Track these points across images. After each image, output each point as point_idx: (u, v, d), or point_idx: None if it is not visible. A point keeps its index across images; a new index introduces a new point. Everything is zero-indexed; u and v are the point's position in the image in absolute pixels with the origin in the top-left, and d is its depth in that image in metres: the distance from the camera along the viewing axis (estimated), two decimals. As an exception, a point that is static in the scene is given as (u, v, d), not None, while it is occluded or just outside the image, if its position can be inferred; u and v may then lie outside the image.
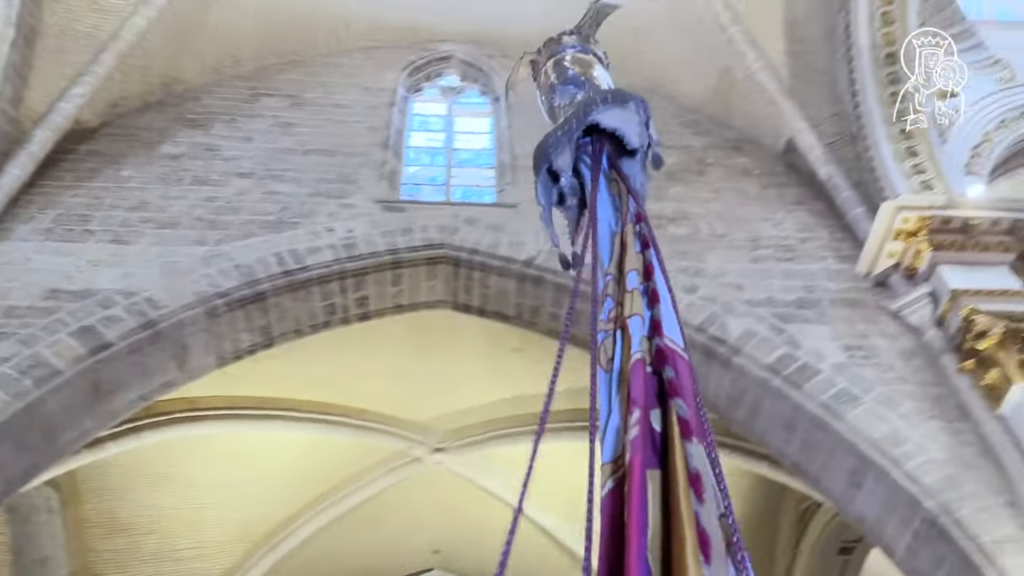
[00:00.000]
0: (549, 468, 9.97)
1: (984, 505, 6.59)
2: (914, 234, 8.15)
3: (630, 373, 1.83)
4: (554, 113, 2.77)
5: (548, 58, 2.90)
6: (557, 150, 2.47)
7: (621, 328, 1.99)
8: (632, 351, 1.88)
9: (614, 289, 2.14)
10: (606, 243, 2.27)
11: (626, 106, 2.52)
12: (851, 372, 7.60)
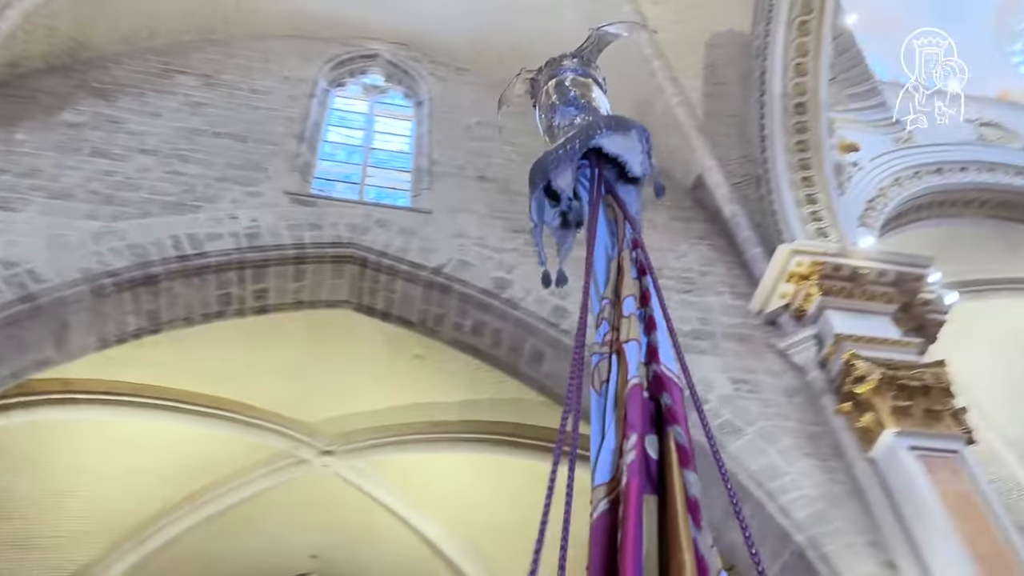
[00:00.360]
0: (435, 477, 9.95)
1: (849, 542, 6.91)
2: (806, 278, 8.53)
3: (627, 398, 1.82)
4: (552, 132, 2.77)
5: (549, 78, 2.91)
6: (558, 169, 2.45)
7: (617, 352, 1.98)
8: (629, 376, 1.87)
9: (610, 313, 2.13)
10: (602, 267, 2.27)
11: (628, 134, 2.52)
12: (736, 404, 7.87)
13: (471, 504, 12.36)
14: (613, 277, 2.26)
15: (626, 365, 1.93)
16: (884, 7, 16.34)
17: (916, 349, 8.27)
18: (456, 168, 10.13)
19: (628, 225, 2.40)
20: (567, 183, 2.45)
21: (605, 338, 2.08)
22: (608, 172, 2.53)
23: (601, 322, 2.13)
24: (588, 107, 2.78)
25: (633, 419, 1.78)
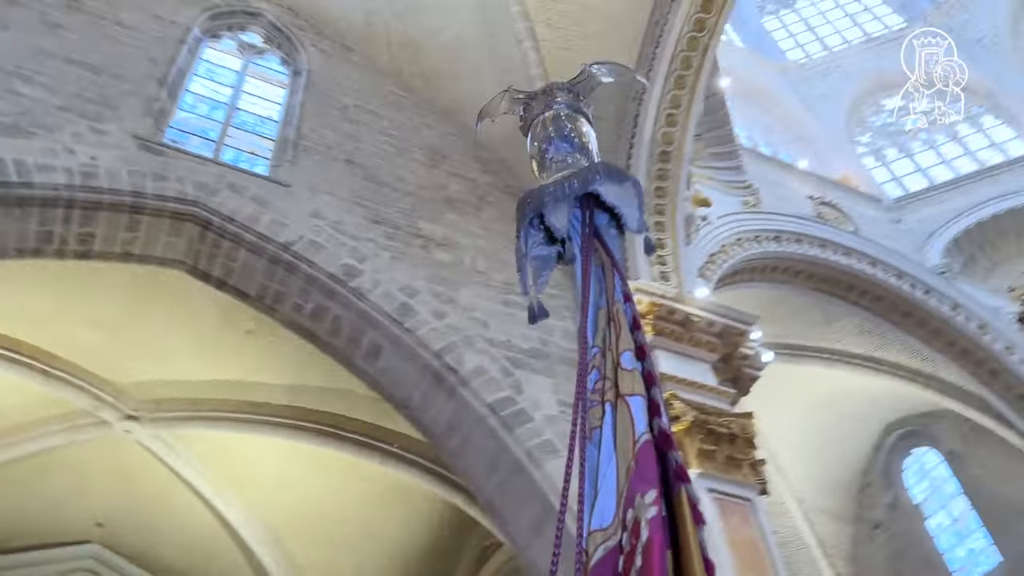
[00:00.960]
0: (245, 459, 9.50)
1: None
2: (643, 316, 8.89)
3: (639, 453, 1.82)
4: (544, 163, 2.76)
5: (545, 107, 2.90)
6: (554, 207, 2.46)
7: (612, 402, 2.00)
8: (639, 431, 1.87)
9: (601, 362, 2.15)
10: (591, 314, 2.28)
11: (624, 184, 2.54)
12: (559, 426, 8.05)
13: (279, 491, 11.98)
14: (603, 326, 2.27)
15: (631, 418, 1.94)
16: (756, 78, 17.47)
17: (729, 399, 8.79)
18: (324, 147, 9.85)
19: (617, 276, 2.40)
20: (562, 223, 2.47)
21: (596, 386, 2.12)
22: (598, 218, 2.55)
23: (592, 369, 2.17)
24: (582, 147, 2.81)
25: (650, 475, 1.79)
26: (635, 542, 1.69)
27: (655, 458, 1.84)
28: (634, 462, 1.84)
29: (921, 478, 16.48)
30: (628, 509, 1.77)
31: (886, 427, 16.50)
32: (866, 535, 16.63)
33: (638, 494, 1.75)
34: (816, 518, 16.59)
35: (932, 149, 16.43)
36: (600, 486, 1.93)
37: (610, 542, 1.80)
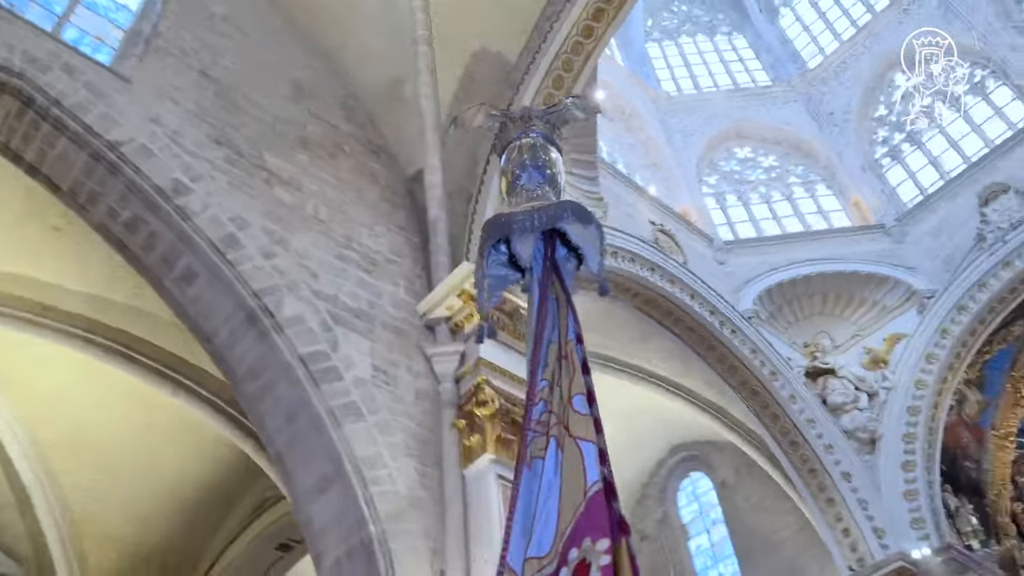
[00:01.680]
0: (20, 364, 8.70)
1: (414, 546, 7.28)
2: (474, 299, 8.96)
3: (591, 500, 1.89)
4: (515, 188, 2.84)
5: (520, 134, 2.99)
6: (521, 236, 2.55)
7: (556, 438, 2.08)
8: (591, 478, 1.95)
9: (548, 396, 2.22)
10: (543, 349, 2.33)
11: (588, 227, 2.63)
12: (367, 390, 7.98)
13: (55, 405, 11.13)
14: (552, 361, 2.32)
15: (582, 464, 2.01)
16: (628, 99, 18.05)
17: (538, 395, 9.04)
18: (180, 51, 9.18)
19: (571, 315, 2.42)
20: (528, 253, 2.56)
21: (542, 417, 2.19)
22: (558, 253, 2.63)
23: (539, 401, 2.25)
24: (552, 179, 2.92)
25: (603, 524, 1.88)
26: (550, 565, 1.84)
27: (607, 508, 1.92)
28: (584, 506, 1.93)
29: (692, 500, 17.72)
30: (572, 548, 1.88)
31: (672, 448, 17.61)
32: (633, 544, 17.67)
33: (588, 538, 1.86)
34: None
35: (767, 204, 17.65)
36: (538, 515, 2.01)
37: (546, 570, 1.91)
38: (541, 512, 2.03)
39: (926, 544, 12.91)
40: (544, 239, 2.68)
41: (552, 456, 2.12)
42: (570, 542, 1.92)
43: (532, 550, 1.99)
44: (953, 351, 14.26)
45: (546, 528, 1.99)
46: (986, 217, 14.42)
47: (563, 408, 2.21)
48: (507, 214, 2.71)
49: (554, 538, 1.96)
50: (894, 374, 14.56)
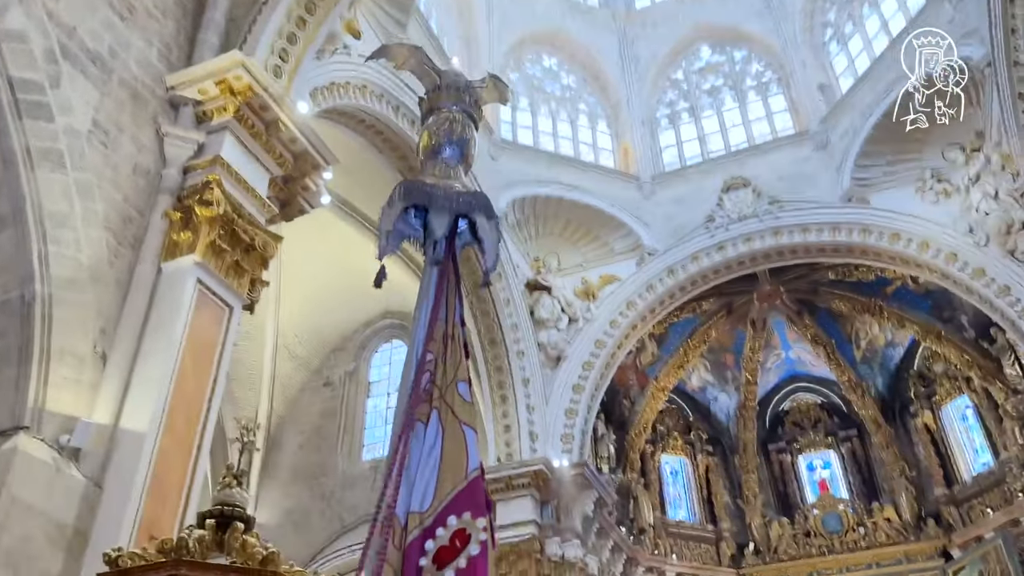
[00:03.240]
0: None
1: (81, 319, 6.76)
2: (234, 93, 8.23)
3: (472, 482, 2.23)
4: (435, 158, 3.04)
5: (450, 105, 3.16)
6: (438, 212, 2.77)
7: (437, 409, 2.36)
8: (472, 463, 2.28)
9: (433, 369, 2.45)
10: (425, 320, 2.55)
11: (491, 221, 2.85)
12: (80, 144, 7.11)
13: None
14: (439, 339, 2.54)
15: (465, 446, 2.33)
16: None
17: (268, 215, 8.63)
18: None
19: (458, 299, 2.69)
20: (440, 230, 2.77)
21: (426, 387, 2.43)
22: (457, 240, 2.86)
23: (425, 372, 2.46)
24: (464, 158, 3.15)
25: (482, 505, 2.22)
26: (459, 546, 2.15)
27: (484, 493, 2.30)
28: (466, 485, 2.26)
29: (386, 364, 18.33)
30: (451, 515, 2.20)
31: (385, 312, 17.96)
32: (315, 387, 18.00)
33: (468, 513, 2.20)
34: (282, 354, 17.43)
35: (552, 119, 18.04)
36: (418, 475, 2.27)
37: (425, 523, 2.19)
38: (421, 472, 2.29)
39: (567, 457, 14.52)
40: (451, 221, 2.92)
41: (434, 425, 2.38)
42: (450, 509, 2.23)
43: (414, 504, 2.25)
44: (650, 305, 15.86)
45: (427, 489, 2.27)
46: (722, 203, 15.96)
47: (447, 387, 2.48)
48: (429, 185, 2.93)
49: (433, 500, 2.25)
50: (597, 308, 15.91)
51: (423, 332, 2.61)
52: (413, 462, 2.35)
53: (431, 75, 3.38)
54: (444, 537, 2.22)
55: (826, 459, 18.71)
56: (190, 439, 7.06)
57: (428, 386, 2.51)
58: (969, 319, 15.41)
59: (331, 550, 15.53)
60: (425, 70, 3.36)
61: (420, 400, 2.47)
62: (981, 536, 15.47)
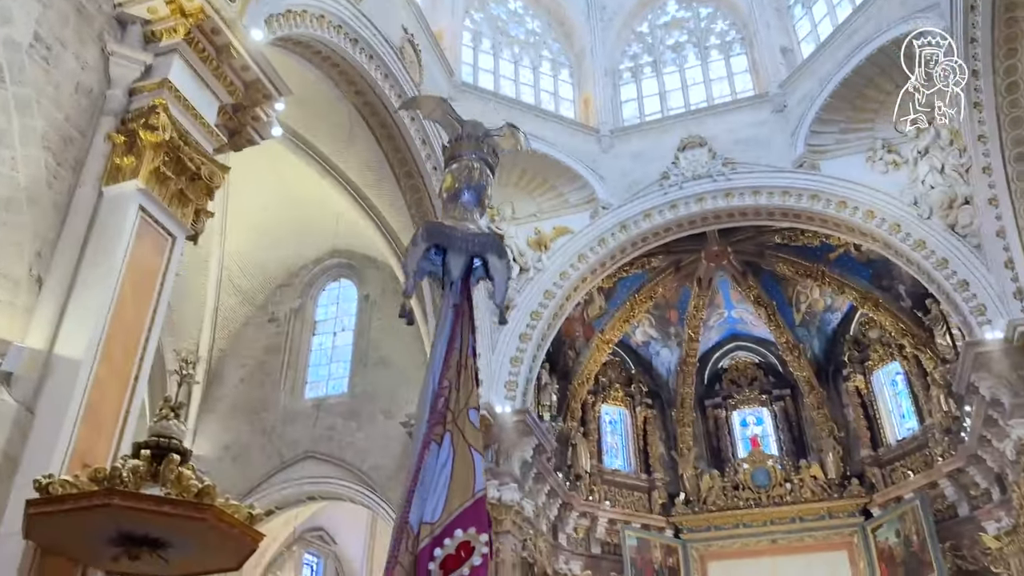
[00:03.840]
0: None
1: (16, 241, 6.54)
2: (187, 15, 7.88)
3: (477, 502, 2.50)
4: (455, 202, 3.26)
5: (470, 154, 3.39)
6: (456, 253, 2.97)
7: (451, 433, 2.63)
8: (479, 485, 2.55)
9: (448, 396, 2.72)
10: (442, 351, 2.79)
11: (503, 260, 3.13)
12: (19, 57, 6.74)
13: None
14: (453, 366, 2.83)
15: (473, 469, 2.62)
16: None
17: (216, 143, 8.38)
18: None
19: (472, 334, 2.97)
20: (458, 268, 3.00)
21: (440, 410, 2.69)
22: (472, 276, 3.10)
23: (441, 397, 2.73)
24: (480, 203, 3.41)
25: (485, 523, 2.47)
26: (464, 556, 2.41)
27: (486, 512, 2.56)
28: (472, 503, 2.53)
29: (333, 303, 18.20)
30: (458, 528, 2.46)
31: (334, 250, 17.78)
32: (260, 322, 17.80)
33: (473, 528, 2.47)
34: (227, 287, 17.17)
35: (515, 64, 17.79)
36: (430, 487, 2.53)
37: (435, 533, 2.45)
38: (434, 487, 2.54)
39: (510, 404, 14.71)
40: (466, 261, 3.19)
41: (447, 446, 2.67)
42: (457, 523, 2.49)
43: (427, 515, 2.53)
44: (601, 259, 15.97)
45: (438, 503, 2.53)
46: (677, 161, 16.02)
47: (460, 412, 2.78)
48: (448, 227, 3.20)
49: (442, 513, 2.51)
50: (549, 260, 15.97)
51: (440, 363, 2.94)
52: (427, 477, 2.65)
53: (454, 125, 3.64)
54: (451, 547, 2.52)
55: (759, 416, 19.34)
56: (128, 369, 6.93)
57: (443, 409, 2.84)
58: (906, 289, 15.91)
59: (270, 484, 15.57)
60: (449, 121, 3.63)
61: (436, 422, 2.81)
62: (901, 497, 16.21)
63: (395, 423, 15.28)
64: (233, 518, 5.19)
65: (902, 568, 15.63)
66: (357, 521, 19.53)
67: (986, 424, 13.08)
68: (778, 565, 16.79)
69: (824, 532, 16.94)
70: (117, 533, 5.33)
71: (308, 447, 15.77)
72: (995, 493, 14.21)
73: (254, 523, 5.43)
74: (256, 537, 5.41)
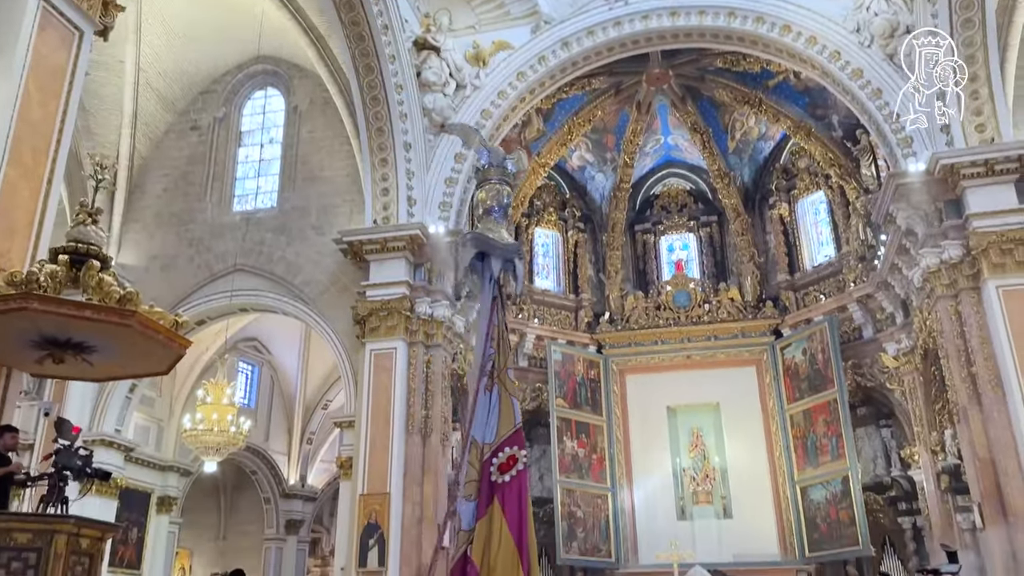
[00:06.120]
0: None
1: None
2: None
3: (516, 431, 3.74)
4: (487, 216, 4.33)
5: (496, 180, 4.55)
6: (496, 258, 4.00)
7: (497, 385, 3.78)
8: (517, 419, 3.80)
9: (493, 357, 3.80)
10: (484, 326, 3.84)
11: (520, 261, 4.08)
12: None
13: None
14: (495, 338, 3.78)
15: (512, 408, 3.78)
16: None
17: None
18: None
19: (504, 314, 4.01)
20: (496, 270, 3.89)
21: (487, 367, 3.74)
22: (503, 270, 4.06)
23: (488, 360, 3.74)
24: (506, 216, 4.42)
25: (523, 442, 3.81)
26: (511, 464, 3.50)
27: (522, 435, 3.67)
28: (514, 431, 3.58)
29: (259, 113, 17.44)
30: (507, 447, 3.53)
31: (260, 56, 16.80)
32: (182, 130, 17.03)
33: (516, 447, 3.54)
34: (145, 92, 16.22)
35: None
36: (484, 420, 3.61)
37: (493, 449, 3.53)
38: (489, 420, 3.51)
39: (444, 224, 14.70)
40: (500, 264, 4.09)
41: (495, 395, 3.63)
42: (505, 443, 3.54)
43: (486, 438, 3.63)
44: (541, 78, 15.50)
45: (491, 430, 3.58)
46: (625, -25, 15.25)
47: (501, 371, 3.73)
48: (489, 239, 4.02)
49: (495, 437, 3.55)
50: (487, 76, 15.43)
51: (485, 336, 3.91)
52: (482, 412, 3.69)
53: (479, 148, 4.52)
54: (503, 457, 3.75)
55: (685, 242, 19.92)
56: (39, 171, 6.59)
57: (490, 370, 3.83)
58: (840, 119, 16.07)
59: (198, 296, 15.52)
60: (481, 151, 4.51)
61: (485, 376, 3.83)
62: (811, 319, 17.22)
63: (327, 240, 15.17)
64: (158, 325, 5.19)
65: (805, 382, 16.88)
66: (292, 333, 19.85)
67: (899, 252, 13.75)
68: (691, 379, 17.91)
69: (736, 350, 18.01)
70: (40, 337, 5.29)
71: (238, 261, 15.63)
72: (899, 317, 15.20)
73: (180, 330, 5.44)
74: (183, 343, 5.44)
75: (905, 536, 15.54)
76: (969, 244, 12.16)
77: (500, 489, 3.75)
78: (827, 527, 15.89)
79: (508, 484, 3.71)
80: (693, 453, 17.87)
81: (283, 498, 21.31)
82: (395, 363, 13.88)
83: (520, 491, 3.73)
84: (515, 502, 3.73)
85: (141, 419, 16.67)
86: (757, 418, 17.46)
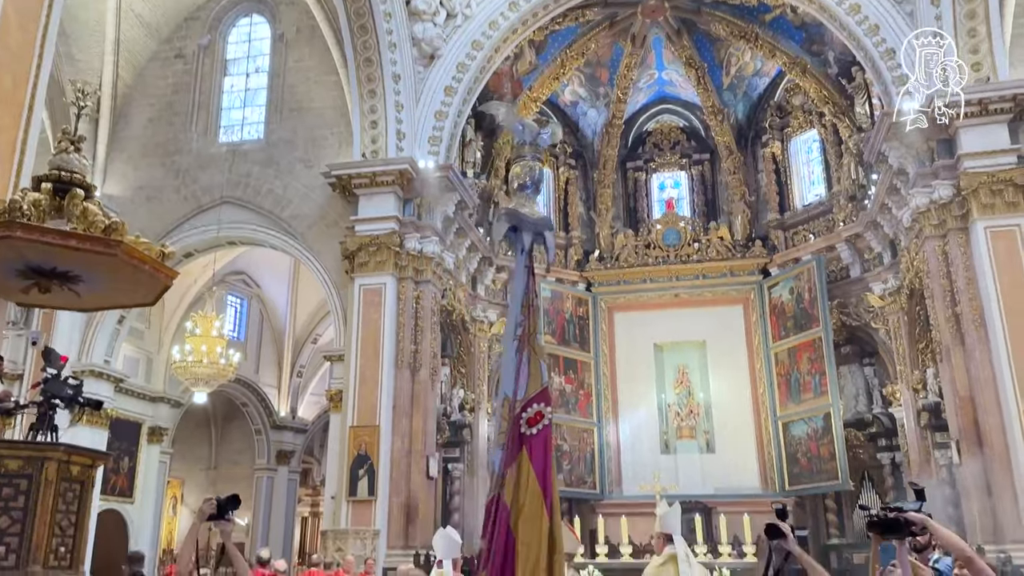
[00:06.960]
0: None
1: None
2: None
3: (544, 390, 3.91)
4: (522, 190, 4.38)
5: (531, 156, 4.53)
6: (528, 231, 4.13)
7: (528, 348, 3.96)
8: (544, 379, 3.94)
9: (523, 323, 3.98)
10: (519, 293, 4.05)
11: (550, 232, 4.27)
12: None
13: None
14: (525, 305, 3.97)
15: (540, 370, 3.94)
16: None
17: None
18: None
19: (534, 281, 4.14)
20: (528, 242, 4.09)
21: (518, 332, 3.97)
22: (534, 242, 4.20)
23: (520, 327, 3.99)
24: (537, 190, 4.52)
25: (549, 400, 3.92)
26: (538, 419, 3.79)
27: (549, 393, 3.92)
28: (541, 389, 3.83)
29: (244, 41, 17.03)
30: (535, 403, 3.78)
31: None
32: (166, 57, 16.64)
33: (543, 404, 3.79)
34: (128, 17, 15.78)
35: None
36: (518, 379, 3.88)
37: (523, 404, 3.80)
38: (520, 380, 3.85)
39: (433, 159, 14.54)
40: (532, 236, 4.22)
41: (526, 358, 3.90)
42: (534, 400, 3.80)
43: (518, 394, 3.84)
44: (533, 8, 15.17)
45: (521, 389, 3.85)
46: (621, -99, 14.80)
47: (531, 336, 3.94)
48: (522, 214, 4.17)
49: (525, 394, 3.82)
50: (478, 5, 15.08)
51: (518, 304, 4.09)
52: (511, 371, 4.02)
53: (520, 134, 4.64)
54: (531, 412, 3.94)
55: (677, 180, 19.80)
56: (19, 97, 6.45)
57: (522, 335, 4.06)
58: (835, 56, 15.82)
59: (185, 228, 15.40)
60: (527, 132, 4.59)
61: (516, 340, 4.08)
62: (799, 258, 17.27)
63: (315, 172, 15.01)
64: (144, 255, 5.14)
65: (791, 321, 17.03)
66: (280, 266, 19.80)
67: (889, 192, 13.72)
68: (679, 317, 18.02)
69: (724, 288, 18.09)
70: (25, 266, 5.24)
71: (225, 193, 15.45)
72: (886, 257, 15.26)
73: (167, 261, 5.39)
74: (169, 274, 5.41)
75: (884, 471, 15.89)
76: (960, 184, 12.15)
77: (528, 441, 4.07)
78: (807, 462, 16.23)
79: (535, 436, 3.97)
80: (678, 389, 18.11)
81: (274, 429, 21.56)
82: (384, 298, 13.90)
83: (546, 443, 4.06)
84: (541, 452, 4.03)
85: (130, 351, 16.72)
86: (742, 356, 17.65)
